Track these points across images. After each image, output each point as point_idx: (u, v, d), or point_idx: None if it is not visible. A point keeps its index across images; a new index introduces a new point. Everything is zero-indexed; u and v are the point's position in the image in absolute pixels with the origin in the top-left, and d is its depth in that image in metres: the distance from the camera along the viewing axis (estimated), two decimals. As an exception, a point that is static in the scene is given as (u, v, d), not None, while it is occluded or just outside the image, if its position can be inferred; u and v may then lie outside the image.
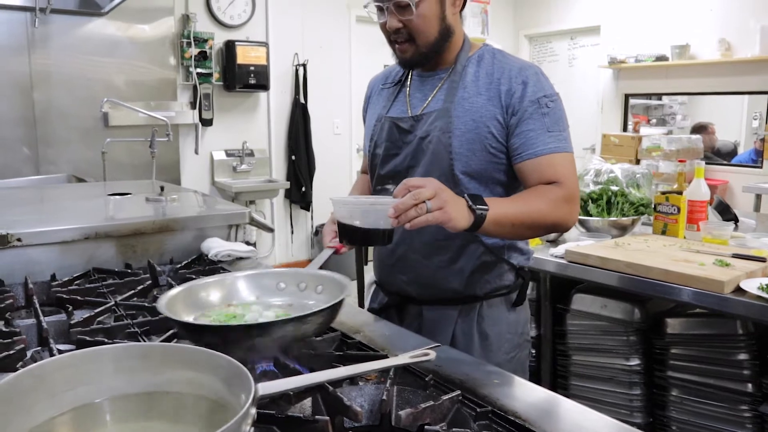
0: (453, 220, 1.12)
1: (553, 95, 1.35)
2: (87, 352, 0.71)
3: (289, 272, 1.24)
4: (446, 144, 1.35)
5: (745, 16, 5.14)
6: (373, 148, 1.50)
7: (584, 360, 2.31)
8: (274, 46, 5.18)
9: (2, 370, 1.08)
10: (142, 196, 2.39)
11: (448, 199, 1.13)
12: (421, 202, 1.09)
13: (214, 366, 0.70)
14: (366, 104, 1.66)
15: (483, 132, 1.34)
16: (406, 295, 1.49)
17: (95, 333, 1.24)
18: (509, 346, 1.47)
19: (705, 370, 2.05)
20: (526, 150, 1.32)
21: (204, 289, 1.17)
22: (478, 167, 1.35)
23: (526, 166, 1.33)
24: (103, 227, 1.77)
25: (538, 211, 1.28)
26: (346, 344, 1.14)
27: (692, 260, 1.96)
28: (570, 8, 6.40)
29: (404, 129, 1.43)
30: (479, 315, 1.44)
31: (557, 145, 1.32)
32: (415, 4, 1.31)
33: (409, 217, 1.09)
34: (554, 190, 1.30)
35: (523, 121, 1.32)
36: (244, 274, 1.22)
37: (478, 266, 1.42)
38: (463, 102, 1.37)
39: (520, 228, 1.28)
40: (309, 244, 5.70)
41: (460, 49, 1.43)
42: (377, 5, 1.37)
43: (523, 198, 1.32)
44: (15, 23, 3.93)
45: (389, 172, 1.47)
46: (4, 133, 3.98)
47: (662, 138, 5.48)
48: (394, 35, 1.37)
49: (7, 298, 1.43)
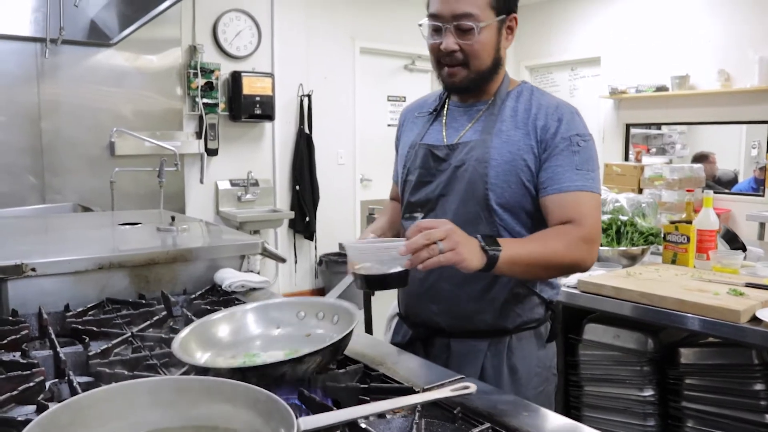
0: (465, 260, 1.13)
1: (586, 135, 1.36)
2: (122, 385, 0.71)
3: (305, 301, 1.25)
4: (482, 174, 1.35)
5: (743, 48, 5.22)
6: (405, 174, 1.49)
7: (597, 391, 2.29)
8: (279, 76, 5.23)
9: (22, 403, 1.07)
10: (152, 225, 2.39)
11: (460, 240, 1.13)
12: (432, 243, 1.10)
13: (252, 400, 0.69)
14: (399, 132, 1.64)
15: (519, 164, 1.35)
16: (434, 327, 1.46)
17: (114, 365, 1.23)
18: (538, 380, 1.45)
19: (720, 400, 2.03)
20: (551, 185, 1.33)
21: (214, 326, 1.18)
22: (511, 198, 1.36)
23: (550, 201, 1.33)
24: (117, 257, 1.76)
25: (554, 252, 1.27)
26: (369, 376, 1.13)
27: (706, 290, 1.96)
28: (570, 40, 6.49)
29: (439, 157, 1.42)
30: (509, 349, 1.42)
31: (584, 184, 1.32)
32: (479, 29, 1.31)
33: (421, 258, 1.10)
34: (573, 230, 1.29)
35: (553, 156, 1.33)
36: (253, 305, 1.22)
37: (509, 298, 1.40)
38: (500, 134, 1.37)
39: (535, 268, 1.28)
40: (313, 273, 5.68)
41: (501, 83, 1.44)
42: (435, 25, 1.36)
43: (539, 238, 1.31)
44: (25, 54, 3.98)
45: (420, 200, 1.46)
46: (11, 162, 4.00)
47: (664, 167, 5.50)
48: (448, 58, 1.36)
49: (22, 329, 1.42)
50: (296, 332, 1.17)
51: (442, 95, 1.53)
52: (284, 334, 1.19)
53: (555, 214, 1.32)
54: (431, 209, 1.44)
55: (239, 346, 1.15)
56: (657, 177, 5.45)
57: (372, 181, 6.11)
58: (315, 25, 5.53)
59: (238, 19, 5.06)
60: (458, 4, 1.31)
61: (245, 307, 1.25)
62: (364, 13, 5.83)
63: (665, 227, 2.46)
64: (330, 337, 1.07)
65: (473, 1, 1.31)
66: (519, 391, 1.39)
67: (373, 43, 5.92)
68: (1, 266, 1.58)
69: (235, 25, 5.05)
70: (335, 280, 5.42)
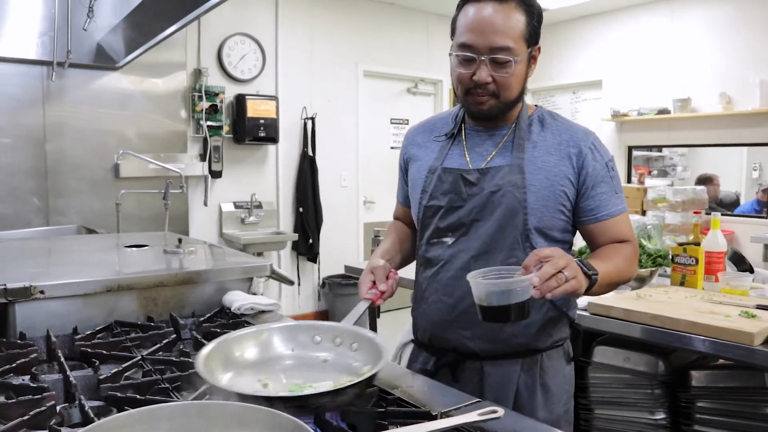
0: (582, 287, 1.19)
1: (610, 156, 1.46)
2: (143, 411, 0.70)
3: (324, 326, 1.23)
4: (521, 199, 1.36)
5: (744, 71, 5.26)
6: (428, 199, 1.47)
7: (607, 414, 2.26)
8: (283, 99, 5.27)
9: (34, 428, 1.05)
10: (158, 248, 2.38)
11: (576, 269, 1.18)
12: (559, 272, 1.13)
13: (275, 425, 0.68)
14: (405, 154, 1.61)
15: (557, 190, 1.38)
16: (465, 352, 1.44)
17: (125, 389, 1.22)
18: (566, 398, 1.47)
19: (733, 424, 2.00)
20: (600, 212, 1.41)
21: (237, 344, 1.16)
22: (548, 223, 1.39)
23: (601, 227, 1.42)
24: (126, 279, 1.75)
25: (624, 269, 1.38)
26: (385, 400, 1.11)
27: (717, 312, 1.94)
28: (572, 63, 6.55)
29: (470, 181, 1.41)
30: (541, 368, 1.43)
31: (623, 206, 1.44)
32: (515, 63, 1.32)
33: (550, 287, 1.12)
34: (628, 248, 1.42)
35: (598, 185, 1.40)
36: (278, 325, 1.21)
37: (544, 321, 1.43)
38: (534, 160, 1.39)
39: (609, 287, 1.36)
40: (316, 296, 5.66)
41: (520, 108, 1.47)
42: (469, 56, 1.34)
43: (610, 257, 1.38)
44: (31, 76, 4.00)
45: (451, 225, 1.43)
46: (15, 184, 4.01)
47: (667, 189, 5.50)
48: (480, 89, 1.36)
49: (31, 352, 1.40)
50: (312, 357, 1.16)
51: (455, 118, 1.52)
52: (305, 356, 1.17)
53: (605, 238, 1.43)
54: (463, 234, 1.42)
55: (261, 368, 1.14)
56: (660, 199, 5.43)
57: (375, 203, 6.12)
58: (318, 49, 5.58)
59: (243, 42, 5.11)
60: (496, 37, 1.30)
61: (264, 327, 1.23)
62: (368, 37, 5.89)
63: (673, 249, 2.46)
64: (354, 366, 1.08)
65: (510, 35, 1.31)
66: (551, 409, 1.42)
67: (376, 67, 5.97)
68: (10, 289, 1.57)
69: (240, 48, 5.10)
70: (338, 302, 5.40)
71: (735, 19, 5.35)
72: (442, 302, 1.44)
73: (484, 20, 1.30)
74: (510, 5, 1.31)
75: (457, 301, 1.41)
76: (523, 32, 1.32)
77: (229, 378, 1.06)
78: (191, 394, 1.20)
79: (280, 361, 1.15)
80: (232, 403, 0.69)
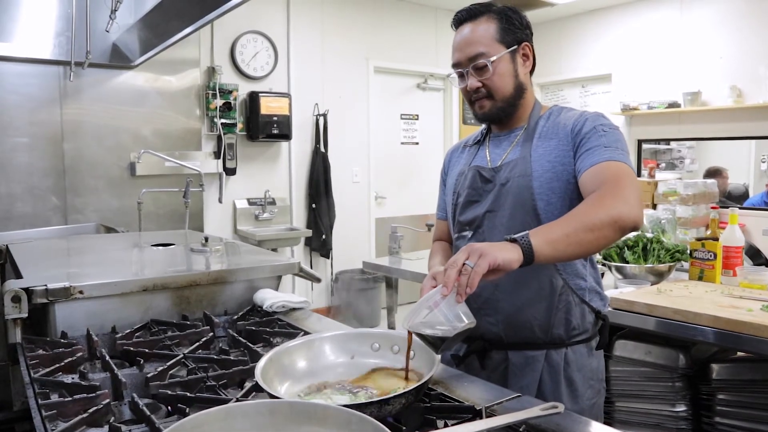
0: (498, 257, 1.11)
1: (611, 125, 1.45)
2: (220, 410, 0.73)
3: (379, 333, 1.30)
4: (528, 186, 1.45)
5: (754, 64, 5.26)
6: (456, 198, 1.60)
7: (629, 407, 2.30)
8: (295, 96, 5.30)
9: (93, 425, 1.09)
10: (184, 246, 2.43)
11: (482, 246, 1.13)
12: (461, 266, 1.11)
13: (344, 422, 0.72)
14: (445, 167, 1.76)
15: (558, 170, 1.44)
16: (492, 339, 1.51)
17: (173, 387, 1.26)
18: (591, 393, 1.50)
19: (754, 416, 2.04)
20: (584, 164, 1.38)
21: (288, 355, 1.22)
22: (558, 204, 1.44)
23: (584, 177, 1.37)
24: (161, 279, 1.79)
25: (583, 212, 1.25)
26: (428, 395, 1.15)
27: (739, 306, 1.98)
28: (581, 57, 6.55)
29: (486, 177, 1.54)
30: (565, 361, 1.47)
31: (612, 155, 1.35)
32: (491, 63, 1.46)
33: (462, 284, 1.10)
34: (594, 194, 1.30)
35: (584, 144, 1.41)
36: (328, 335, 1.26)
37: (561, 304, 1.46)
38: (537, 149, 1.48)
39: (577, 236, 1.21)
40: (329, 291, 5.70)
41: (532, 109, 1.56)
42: (458, 72, 1.53)
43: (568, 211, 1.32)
44: (49, 76, 4.05)
45: (468, 219, 1.56)
46: (34, 183, 4.05)
47: (678, 183, 5.52)
48: (475, 94, 1.52)
49: (76, 351, 1.45)
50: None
51: (484, 130, 1.67)
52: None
53: (587, 188, 1.35)
54: (478, 226, 1.53)
55: (315, 376, 1.19)
56: (671, 192, 5.46)
57: (386, 199, 6.15)
58: (330, 46, 5.61)
59: (255, 40, 5.13)
60: (469, 48, 1.49)
61: (319, 336, 1.30)
62: (378, 33, 5.91)
63: (692, 244, 2.48)
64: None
65: (482, 42, 1.48)
66: (576, 403, 1.46)
67: (386, 63, 6.00)
68: (51, 289, 1.61)
69: (253, 46, 5.12)
70: (351, 297, 5.44)
71: (745, 11, 5.34)
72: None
73: (462, 39, 1.51)
74: (481, 19, 1.50)
75: (480, 289, 1.41)
76: (495, 36, 1.48)
77: (285, 388, 1.11)
78: (237, 391, 1.24)
79: (339, 368, 1.23)
80: (300, 401, 0.72)
